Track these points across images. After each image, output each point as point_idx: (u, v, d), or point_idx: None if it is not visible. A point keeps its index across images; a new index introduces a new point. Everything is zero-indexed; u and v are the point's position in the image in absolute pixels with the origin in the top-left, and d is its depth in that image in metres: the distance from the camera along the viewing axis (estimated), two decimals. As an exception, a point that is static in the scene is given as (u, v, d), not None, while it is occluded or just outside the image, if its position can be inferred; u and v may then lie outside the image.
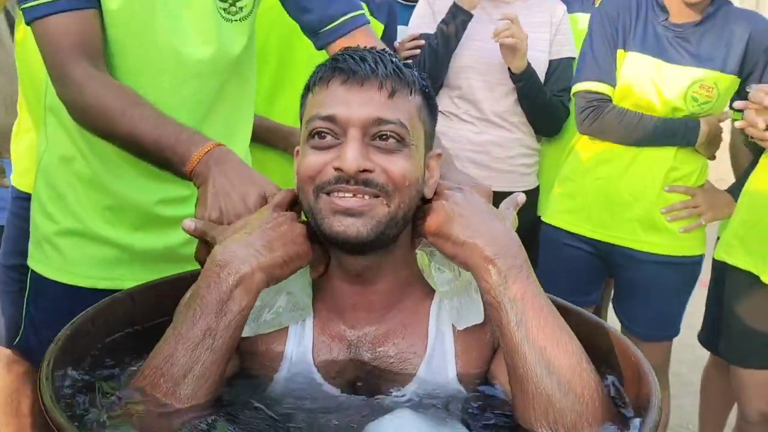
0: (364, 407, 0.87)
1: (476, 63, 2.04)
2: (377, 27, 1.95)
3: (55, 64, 1.08)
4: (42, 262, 1.26)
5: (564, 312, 0.85)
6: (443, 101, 2.06)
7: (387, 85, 0.89)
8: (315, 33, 1.28)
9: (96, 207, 1.22)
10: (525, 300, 0.81)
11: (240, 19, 1.23)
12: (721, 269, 1.81)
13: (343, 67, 0.90)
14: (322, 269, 0.94)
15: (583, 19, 2.15)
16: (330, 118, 0.88)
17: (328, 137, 0.89)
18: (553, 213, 1.99)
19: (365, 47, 0.96)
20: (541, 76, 2.07)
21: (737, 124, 1.66)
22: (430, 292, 0.96)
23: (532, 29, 2.02)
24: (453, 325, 0.94)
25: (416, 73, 0.95)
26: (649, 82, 1.79)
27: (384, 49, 1.03)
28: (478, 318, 0.92)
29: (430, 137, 0.97)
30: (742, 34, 1.76)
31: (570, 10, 2.19)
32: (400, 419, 0.82)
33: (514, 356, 0.80)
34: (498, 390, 0.90)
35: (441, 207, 0.88)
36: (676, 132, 1.79)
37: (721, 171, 1.97)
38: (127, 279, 1.18)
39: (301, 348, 0.94)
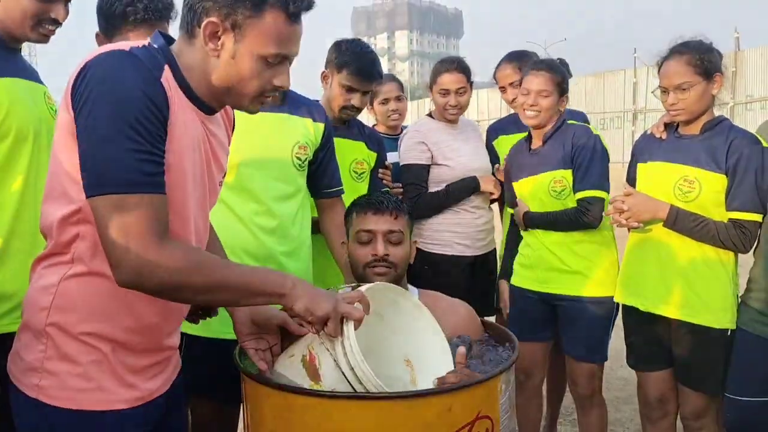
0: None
1: (469, 173, 2.98)
2: (372, 155, 2.82)
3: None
4: (189, 327, 1.93)
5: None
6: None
7: (393, 212, 1.86)
8: (319, 190, 2.31)
9: None
10: None
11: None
12: (619, 307, 2.61)
13: (374, 203, 1.88)
14: None
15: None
16: (369, 231, 1.86)
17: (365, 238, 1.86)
18: (515, 277, 2.83)
19: (380, 193, 2.03)
20: (489, 172, 3.06)
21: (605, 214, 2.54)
22: None
23: (476, 141, 3.11)
24: None
25: (404, 205, 1.92)
26: (531, 190, 2.72)
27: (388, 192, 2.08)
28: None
29: (412, 232, 1.94)
30: (567, 142, 2.65)
31: (507, 133, 3.12)
32: None
33: None
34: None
35: None
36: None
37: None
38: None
39: None
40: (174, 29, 2.08)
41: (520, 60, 3.04)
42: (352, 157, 2.70)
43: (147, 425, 1.40)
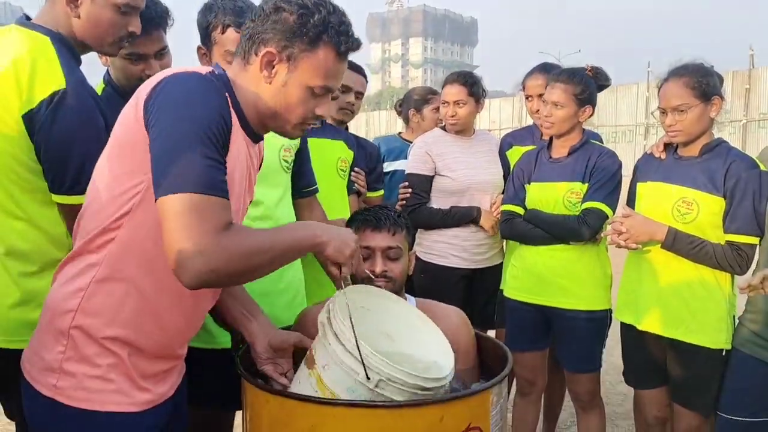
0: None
1: (472, 185, 3.04)
2: (350, 153, 2.82)
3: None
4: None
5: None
6: None
7: (391, 229, 1.88)
8: (300, 190, 2.32)
9: None
10: None
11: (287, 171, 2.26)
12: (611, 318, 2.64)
13: (372, 219, 1.89)
14: None
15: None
16: (367, 247, 1.86)
17: (364, 254, 1.87)
18: (509, 289, 2.86)
19: (379, 208, 1.98)
20: (500, 187, 3.09)
21: (603, 234, 2.56)
22: None
23: (489, 155, 3.11)
24: None
25: (402, 220, 1.94)
26: (547, 195, 2.71)
27: (387, 207, 2.03)
28: None
29: (410, 247, 1.96)
30: (591, 159, 2.67)
31: (522, 144, 3.14)
32: None
33: None
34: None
35: None
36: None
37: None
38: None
39: None
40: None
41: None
42: (337, 156, 2.73)
43: (156, 428, 1.45)
